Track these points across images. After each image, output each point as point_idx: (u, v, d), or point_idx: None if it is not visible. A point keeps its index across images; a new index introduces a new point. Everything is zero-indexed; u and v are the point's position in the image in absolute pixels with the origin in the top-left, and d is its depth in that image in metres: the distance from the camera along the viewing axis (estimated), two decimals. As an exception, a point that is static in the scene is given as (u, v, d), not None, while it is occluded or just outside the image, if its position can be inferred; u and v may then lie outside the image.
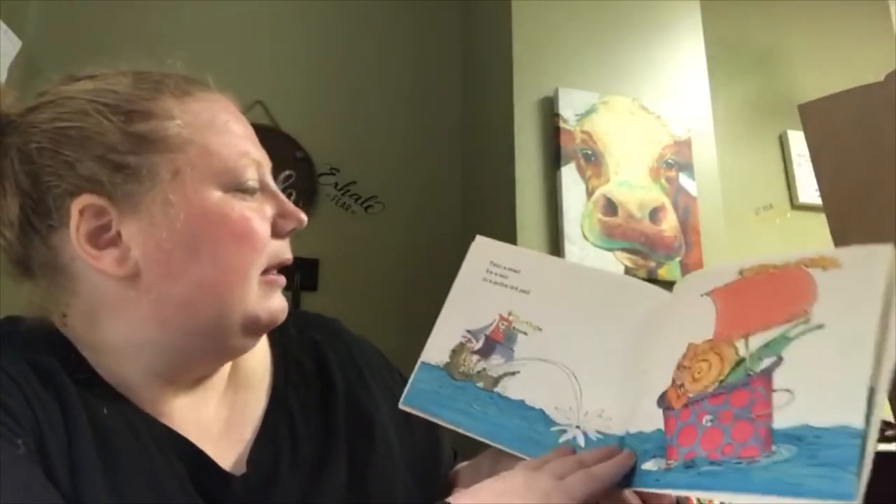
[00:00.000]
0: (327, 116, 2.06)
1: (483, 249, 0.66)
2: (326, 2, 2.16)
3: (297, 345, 0.68)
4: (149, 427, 0.54)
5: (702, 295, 0.55)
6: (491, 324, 0.62)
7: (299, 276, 1.83)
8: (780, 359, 0.46)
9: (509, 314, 0.62)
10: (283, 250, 0.59)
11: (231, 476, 0.56)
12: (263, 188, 0.59)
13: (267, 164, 0.60)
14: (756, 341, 0.48)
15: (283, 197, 0.60)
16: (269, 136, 0.62)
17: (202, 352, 0.57)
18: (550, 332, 0.60)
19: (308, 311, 0.77)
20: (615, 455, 0.51)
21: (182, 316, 0.54)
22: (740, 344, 0.49)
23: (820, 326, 0.46)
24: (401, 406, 0.60)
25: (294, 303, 1.83)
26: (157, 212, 0.53)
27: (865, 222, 0.70)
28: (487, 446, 0.58)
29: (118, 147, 0.53)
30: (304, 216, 0.60)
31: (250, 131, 0.61)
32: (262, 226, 0.57)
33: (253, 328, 0.57)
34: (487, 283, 0.64)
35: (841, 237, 0.74)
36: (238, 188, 0.56)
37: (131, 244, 0.53)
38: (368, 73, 2.14)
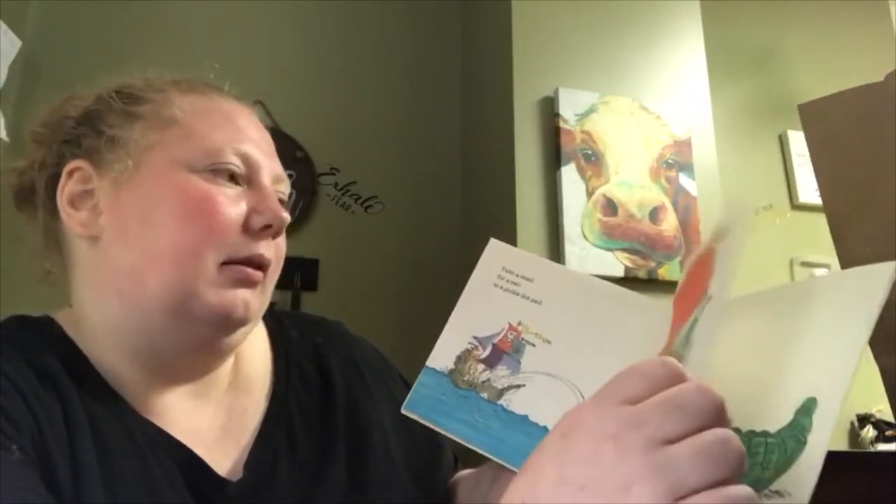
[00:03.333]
0: (327, 116, 2.06)
1: (496, 253, 0.63)
2: (327, 2, 2.16)
3: (298, 348, 0.68)
4: (145, 430, 0.54)
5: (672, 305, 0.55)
6: (499, 332, 0.60)
7: (299, 276, 1.83)
8: (690, 343, 0.45)
9: (519, 324, 0.60)
10: (250, 246, 0.57)
11: (227, 481, 0.56)
12: (253, 184, 0.58)
13: (266, 167, 0.60)
14: (684, 333, 0.47)
15: (269, 196, 0.58)
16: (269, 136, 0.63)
17: (169, 337, 0.56)
18: (559, 347, 0.58)
19: (309, 313, 0.76)
20: None
21: (132, 286, 0.55)
22: (677, 341, 0.48)
23: (709, 298, 0.45)
24: (403, 411, 0.58)
25: (294, 303, 1.83)
26: (124, 180, 0.56)
27: (865, 222, 0.70)
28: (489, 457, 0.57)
29: (113, 122, 0.58)
30: (283, 215, 0.58)
31: (259, 136, 0.61)
32: (227, 210, 0.55)
33: (211, 319, 0.55)
34: (498, 289, 0.61)
35: (841, 237, 0.73)
36: (211, 169, 0.56)
37: (102, 209, 0.57)
38: (368, 73, 2.14)
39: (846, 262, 0.74)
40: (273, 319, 0.70)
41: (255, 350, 0.66)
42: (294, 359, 0.67)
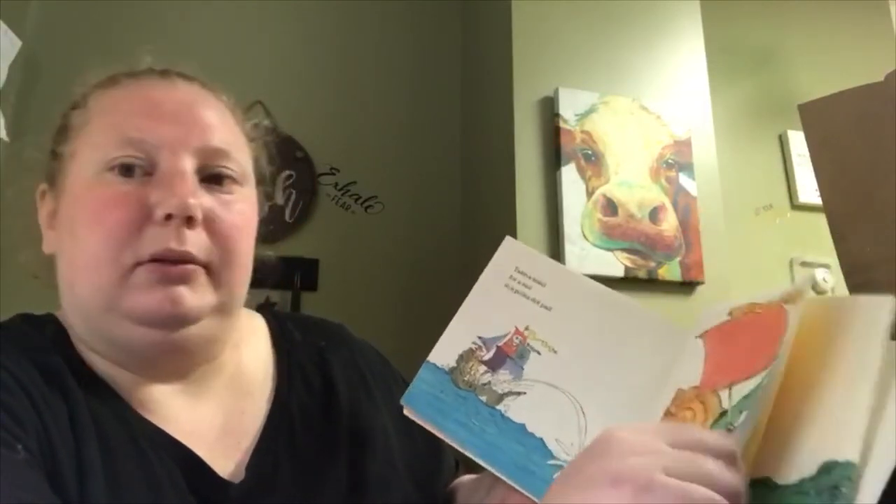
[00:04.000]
0: (327, 116, 2.06)
1: (510, 252, 0.61)
2: (327, 2, 2.16)
3: (301, 350, 0.68)
4: (146, 431, 0.54)
5: (696, 337, 0.52)
6: (505, 335, 0.57)
7: (299, 276, 1.83)
8: (747, 410, 0.42)
9: (526, 329, 0.57)
10: (160, 240, 0.52)
11: (228, 483, 0.56)
12: (156, 170, 0.54)
13: (182, 146, 0.55)
14: (738, 392, 0.44)
15: (169, 182, 0.53)
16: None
17: (124, 340, 0.54)
18: (565, 358, 0.56)
19: (312, 315, 0.76)
20: None
21: (71, 296, 0.57)
22: (724, 394, 0.45)
23: (776, 364, 0.43)
24: (402, 403, 0.57)
25: (294, 303, 1.83)
26: (60, 193, 0.58)
27: (865, 222, 0.70)
28: None
29: (57, 140, 0.60)
30: (186, 201, 0.52)
31: (177, 113, 0.56)
32: (120, 209, 0.52)
33: (143, 319, 0.53)
34: (509, 290, 0.59)
35: (841, 237, 0.73)
36: (109, 167, 0.54)
37: (57, 226, 0.59)
38: (368, 73, 2.14)
39: (846, 262, 0.74)
40: (276, 321, 0.70)
41: (256, 352, 0.66)
42: (297, 361, 0.67)
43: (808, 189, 2.22)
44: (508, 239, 0.62)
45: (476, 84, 2.07)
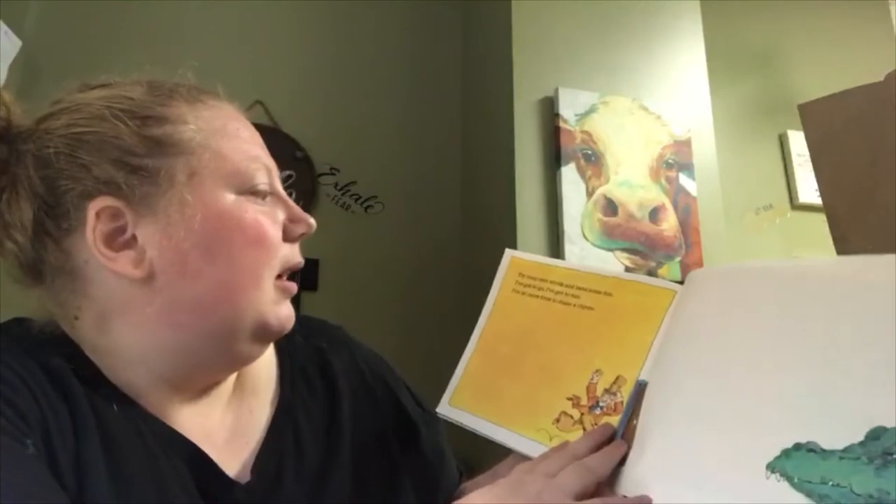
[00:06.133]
0: (327, 117, 2.06)
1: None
2: (327, 2, 2.16)
3: (302, 352, 0.68)
4: (154, 431, 0.54)
5: None
6: None
7: (299, 276, 1.83)
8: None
9: None
10: (293, 254, 0.60)
11: (235, 483, 0.56)
12: (274, 193, 0.60)
13: (275, 171, 0.61)
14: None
15: (292, 202, 0.61)
16: (269, 136, 0.63)
17: (211, 357, 0.56)
18: None
19: (313, 317, 0.76)
20: (606, 441, 0.51)
21: (195, 318, 0.54)
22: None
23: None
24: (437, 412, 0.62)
25: (294, 303, 1.83)
26: (174, 213, 0.53)
27: (865, 222, 0.70)
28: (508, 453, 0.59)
29: (134, 150, 0.54)
30: (313, 221, 0.61)
31: (258, 138, 0.62)
32: (274, 229, 0.57)
33: (262, 334, 0.57)
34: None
35: (841, 237, 0.73)
36: (250, 191, 0.57)
37: (147, 246, 0.53)
38: (368, 72, 2.14)
39: (846, 262, 0.73)
40: None
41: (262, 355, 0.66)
42: (298, 363, 0.67)
43: (808, 189, 2.22)
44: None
45: (476, 84, 2.07)
